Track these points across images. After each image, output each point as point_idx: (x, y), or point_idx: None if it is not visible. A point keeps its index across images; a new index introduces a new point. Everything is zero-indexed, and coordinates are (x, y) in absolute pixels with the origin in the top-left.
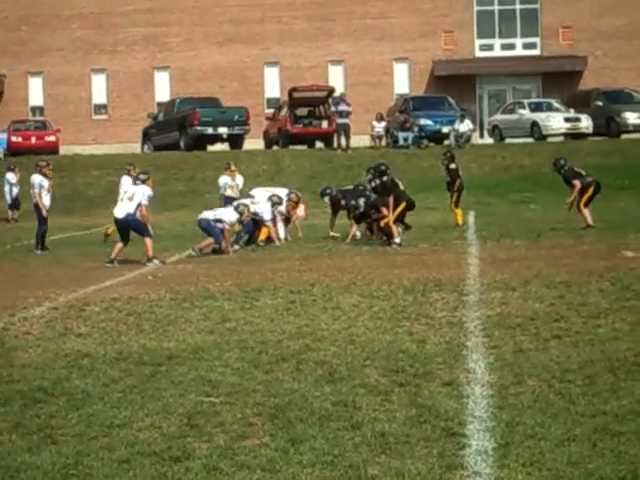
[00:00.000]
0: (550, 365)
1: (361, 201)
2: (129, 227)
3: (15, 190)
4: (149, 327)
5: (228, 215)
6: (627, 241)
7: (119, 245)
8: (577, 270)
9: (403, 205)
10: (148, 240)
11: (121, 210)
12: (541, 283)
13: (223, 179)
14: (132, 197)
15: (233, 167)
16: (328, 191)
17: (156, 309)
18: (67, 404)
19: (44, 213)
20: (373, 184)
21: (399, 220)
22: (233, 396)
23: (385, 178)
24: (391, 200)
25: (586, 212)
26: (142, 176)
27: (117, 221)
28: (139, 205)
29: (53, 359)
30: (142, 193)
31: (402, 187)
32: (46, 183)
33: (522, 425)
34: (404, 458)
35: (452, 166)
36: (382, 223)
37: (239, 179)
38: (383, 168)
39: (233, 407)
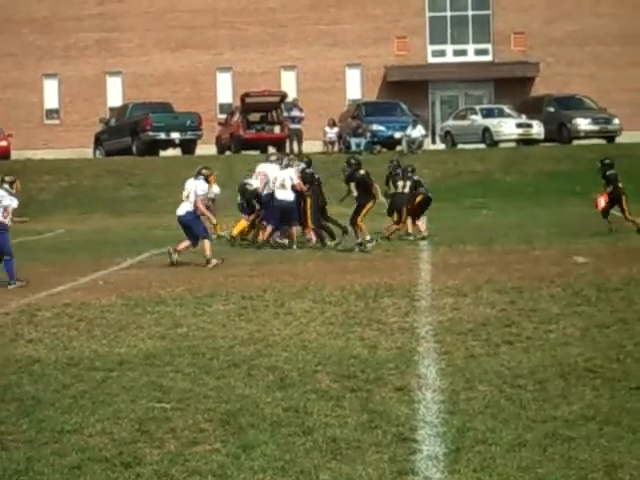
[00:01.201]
0: (501, 370)
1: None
2: (188, 225)
3: None
4: (100, 333)
5: (286, 175)
6: (578, 247)
7: (187, 242)
8: (528, 276)
9: (371, 204)
10: (206, 242)
11: (182, 208)
12: (493, 289)
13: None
14: (189, 195)
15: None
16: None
17: (107, 315)
18: (18, 410)
19: None
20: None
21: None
22: (184, 402)
23: (362, 172)
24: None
25: (408, 223)
26: (205, 171)
27: (178, 218)
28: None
29: (4, 364)
30: (196, 188)
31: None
32: None
33: (473, 430)
34: (355, 463)
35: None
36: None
37: (215, 189)
38: (354, 161)
39: (184, 413)
